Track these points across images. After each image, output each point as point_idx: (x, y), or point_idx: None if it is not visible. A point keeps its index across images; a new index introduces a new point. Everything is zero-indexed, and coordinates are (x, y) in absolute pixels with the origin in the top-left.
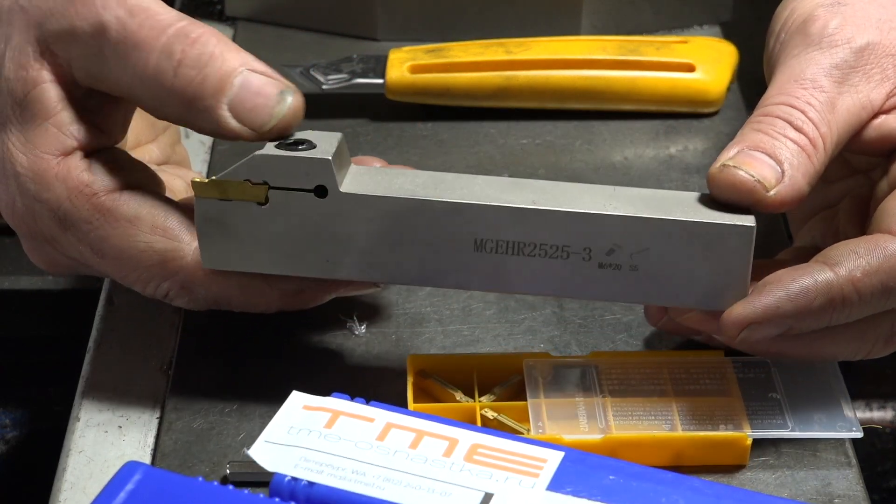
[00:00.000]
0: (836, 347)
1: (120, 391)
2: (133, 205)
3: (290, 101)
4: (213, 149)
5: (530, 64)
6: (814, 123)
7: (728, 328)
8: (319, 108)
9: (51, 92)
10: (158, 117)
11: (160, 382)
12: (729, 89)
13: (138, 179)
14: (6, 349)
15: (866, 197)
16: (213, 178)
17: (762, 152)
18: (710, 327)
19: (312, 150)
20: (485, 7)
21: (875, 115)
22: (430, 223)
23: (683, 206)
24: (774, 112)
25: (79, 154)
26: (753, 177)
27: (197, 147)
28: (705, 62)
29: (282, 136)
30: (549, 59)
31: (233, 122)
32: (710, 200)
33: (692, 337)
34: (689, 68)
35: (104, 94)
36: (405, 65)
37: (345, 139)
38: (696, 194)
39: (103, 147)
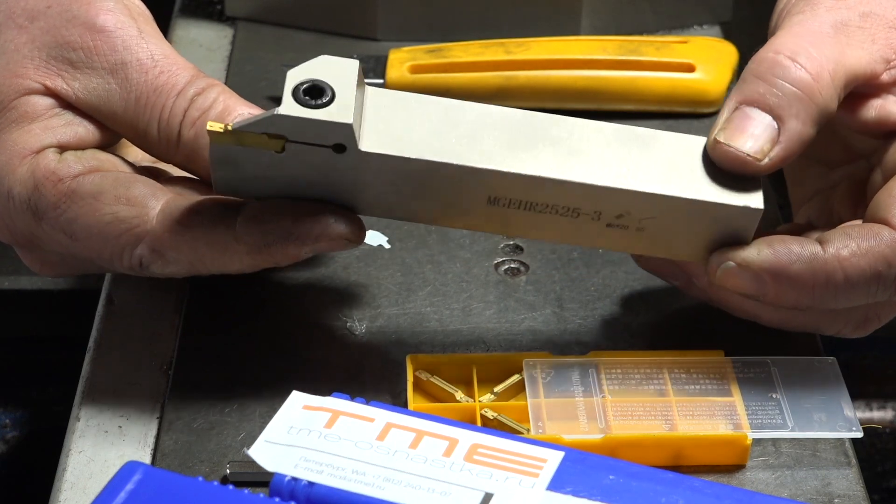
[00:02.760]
0: (806, 319)
1: (120, 391)
2: (96, 181)
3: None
4: None
5: (530, 64)
6: (817, 61)
7: (711, 263)
8: None
9: (42, 101)
10: (156, 157)
11: (160, 382)
12: (729, 89)
13: (108, 164)
14: (6, 349)
15: (863, 180)
16: (230, 127)
17: (756, 106)
18: (694, 269)
19: (333, 107)
20: (485, 7)
21: (876, 92)
22: (447, 180)
23: (695, 176)
24: (772, 58)
25: (53, 150)
26: (744, 152)
27: None
28: (705, 62)
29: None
30: (549, 59)
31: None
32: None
33: (671, 281)
34: (689, 68)
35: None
36: (405, 65)
37: (360, 66)
38: (703, 147)
39: (90, 144)
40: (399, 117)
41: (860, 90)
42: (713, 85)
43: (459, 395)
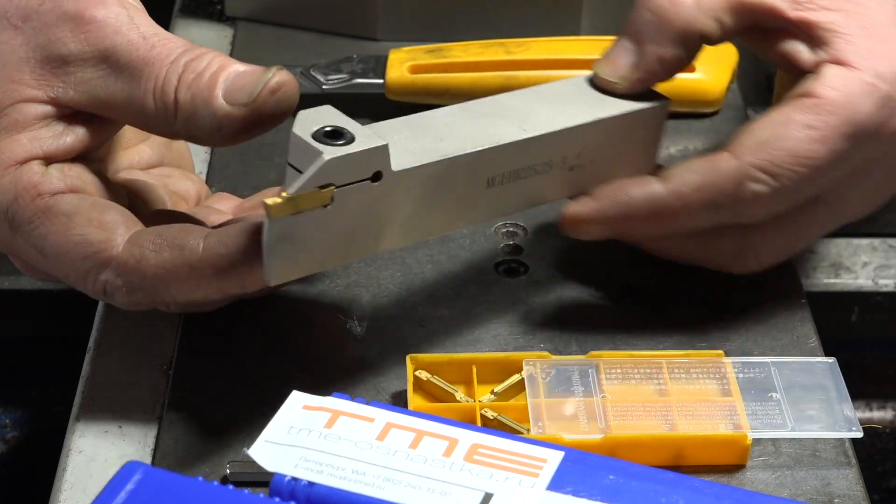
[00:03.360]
0: (682, 251)
1: (120, 391)
2: (74, 202)
3: (274, 71)
4: (212, 148)
5: (530, 64)
6: None
7: (563, 223)
8: None
9: (32, 109)
10: (157, 132)
11: (160, 382)
12: (729, 89)
13: (90, 187)
14: (6, 349)
15: None
16: (284, 194)
17: (627, 36)
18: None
19: (359, 139)
20: (485, 7)
21: (781, 30)
22: (459, 173)
23: (615, 101)
24: None
25: (38, 162)
26: (610, 78)
27: (196, 146)
28: (705, 62)
29: (276, 111)
30: (549, 59)
31: (227, 107)
32: None
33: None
34: (689, 68)
35: (92, 116)
36: (405, 65)
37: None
38: None
39: (70, 160)
40: (395, 138)
41: (768, 25)
42: (713, 85)
43: (459, 395)
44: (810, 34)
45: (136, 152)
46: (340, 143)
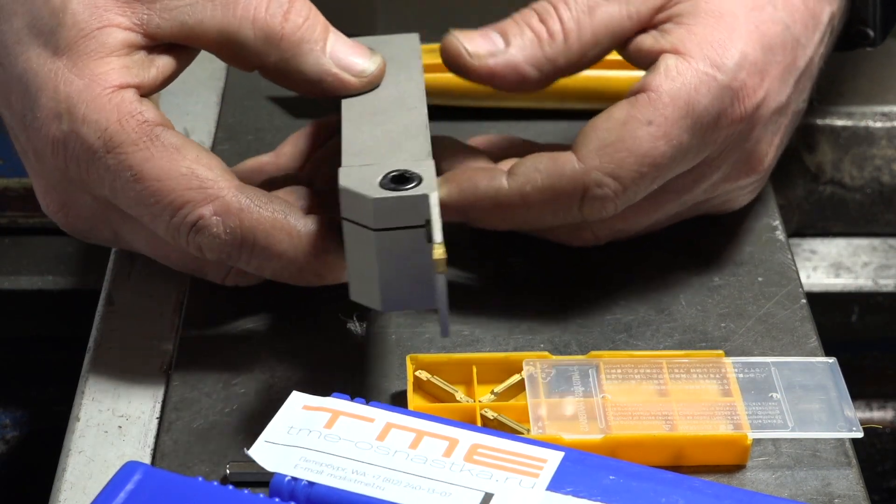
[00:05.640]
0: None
1: (120, 391)
2: (179, 139)
3: (379, 55)
4: (213, 147)
5: None
6: (561, 20)
7: None
8: (319, 108)
9: (119, 35)
10: (249, 66)
11: (160, 382)
12: None
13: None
14: (6, 349)
15: None
16: (441, 251)
17: (497, 32)
18: None
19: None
20: (485, 7)
21: (643, 30)
22: None
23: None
24: (535, 6)
25: (133, 90)
26: (463, 45)
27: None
28: None
29: (370, 87)
30: None
31: (335, 67)
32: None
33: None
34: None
35: (169, 47)
36: None
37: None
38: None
39: (153, 91)
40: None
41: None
42: None
43: (459, 395)
44: (654, 23)
45: None
46: (413, 184)
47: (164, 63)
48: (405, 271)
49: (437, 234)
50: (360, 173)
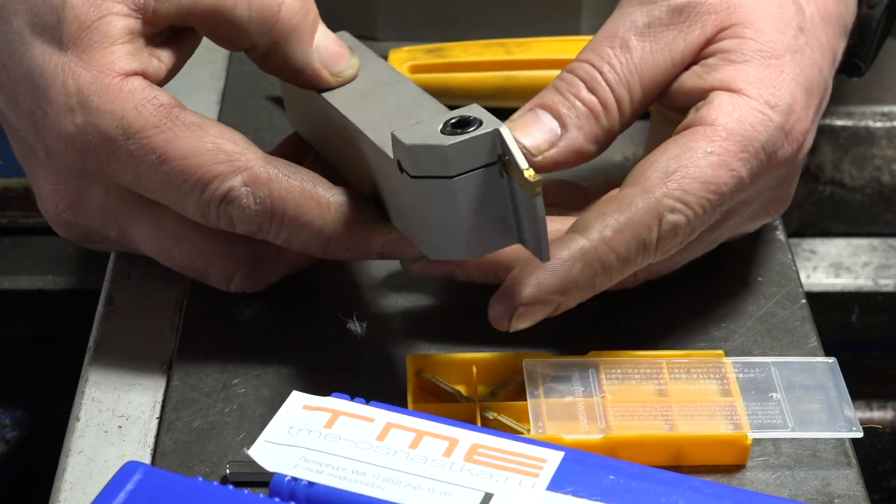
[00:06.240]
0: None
1: (120, 391)
2: (198, 117)
3: (357, 58)
4: None
5: (530, 64)
6: (610, 86)
7: (497, 317)
8: None
9: (121, 22)
10: (238, 46)
11: (160, 382)
12: None
13: None
14: (6, 349)
15: None
16: (530, 169)
17: (548, 112)
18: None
19: (483, 116)
20: (485, 7)
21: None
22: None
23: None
24: (576, 70)
25: (141, 77)
26: (524, 145)
27: None
28: None
29: (339, 86)
30: (549, 59)
31: (317, 62)
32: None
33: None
34: None
35: (171, 33)
36: (405, 65)
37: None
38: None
39: (160, 79)
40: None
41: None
42: None
43: (459, 395)
44: (696, 60)
45: None
46: (475, 125)
47: (166, 51)
48: (487, 212)
49: (523, 161)
50: (416, 131)
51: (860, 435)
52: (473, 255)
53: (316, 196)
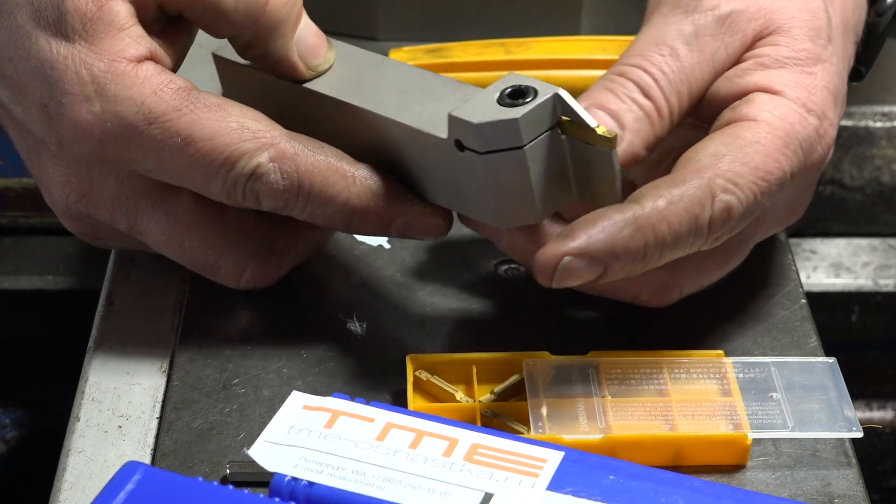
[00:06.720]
0: (607, 287)
1: (120, 391)
2: (217, 98)
3: (334, 51)
4: None
5: (530, 64)
6: (663, 92)
7: (542, 266)
8: None
9: (122, 7)
10: (221, 33)
11: (160, 382)
12: None
13: None
14: (6, 349)
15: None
16: (602, 127)
17: (606, 113)
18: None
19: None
20: (485, 7)
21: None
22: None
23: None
24: (628, 73)
25: (152, 62)
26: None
27: None
28: None
29: (312, 79)
30: (549, 59)
31: (295, 55)
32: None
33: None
34: None
35: (171, 18)
36: None
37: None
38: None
39: (167, 66)
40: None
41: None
42: None
43: (459, 395)
44: (737, 63)
45: None
46: (532, 94)
47: (163, 40)
48: (550, 174)
49: (591, 119)
50: (474, 108)
51: (860, 435)
52: (544, 216)
53: (341, 170)
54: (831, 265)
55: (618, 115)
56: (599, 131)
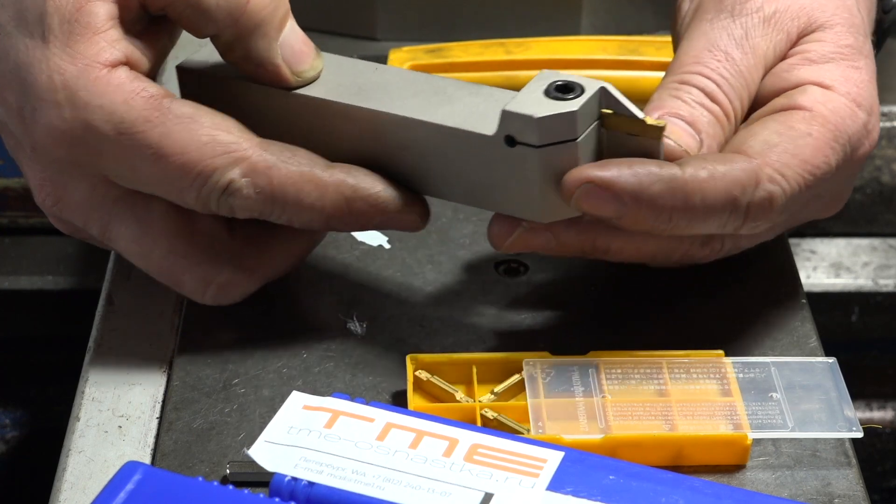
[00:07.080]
0: (656, 247)
1: (120, 391)
2: (191, 107)
3: (322, 59)
4: None
5: (530, 64)
6: (727, 96)
7: (567, 184)
8: None
9: (102, 9)
10: (203, 32)
11: (160, 382)
12: None
13: None
14: (6, 349)
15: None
16: (649, 117)
17: (680, 119)
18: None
19: (586, 83)
20: (485, 7)
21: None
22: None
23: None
24: (692, 80)
25: (126, 67)
26: (682, 147)
27: None
28: None
29: (299, 87)
30: (549, 59)
31: (279, 59)
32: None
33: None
34: None
35: (152, 19)
36: (405, 65)
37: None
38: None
39: (144, 70)
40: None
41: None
42: None
43: (459, 395)
44: (786, 58)
45: None
46: (577, 89)
47: (144, 41)
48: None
49: (638, 111)
50: (525, 104)
51: (860, 435)
52: None
53: (314, 179)
54: (831, 265)
55: (692, 121)
56: (649, 121)
